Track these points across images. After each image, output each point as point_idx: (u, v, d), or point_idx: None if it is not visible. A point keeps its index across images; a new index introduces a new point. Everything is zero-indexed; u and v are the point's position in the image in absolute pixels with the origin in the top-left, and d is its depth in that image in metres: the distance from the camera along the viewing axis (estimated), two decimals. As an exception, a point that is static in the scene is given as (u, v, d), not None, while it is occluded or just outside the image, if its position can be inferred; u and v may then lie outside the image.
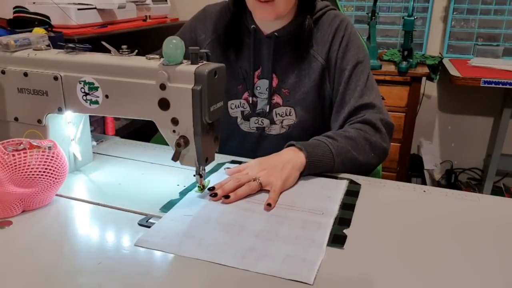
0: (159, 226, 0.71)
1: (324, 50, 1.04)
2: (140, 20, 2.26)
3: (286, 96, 1.06)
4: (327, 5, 1.08)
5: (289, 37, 1.04)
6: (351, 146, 0.91)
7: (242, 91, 1.09)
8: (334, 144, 0.90)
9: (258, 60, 1.07)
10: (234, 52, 1.08)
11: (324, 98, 1.07)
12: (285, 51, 1.05)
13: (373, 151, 0.94)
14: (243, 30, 1.07)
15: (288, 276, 0.59)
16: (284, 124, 1.08)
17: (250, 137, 1.11)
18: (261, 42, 1.06)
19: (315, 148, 0.88)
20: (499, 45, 2.37)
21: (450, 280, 0.59)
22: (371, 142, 0.94)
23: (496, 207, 0.80)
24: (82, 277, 0.59)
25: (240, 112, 1.10)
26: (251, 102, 1.08)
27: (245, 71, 1.08)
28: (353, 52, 1.03)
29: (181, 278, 0.59)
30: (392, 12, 2.53)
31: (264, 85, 1.07)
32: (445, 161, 2.64)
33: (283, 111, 1.07)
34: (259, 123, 1.09)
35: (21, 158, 0.71)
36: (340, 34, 1.04)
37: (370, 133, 0.95)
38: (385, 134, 0.97)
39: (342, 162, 0.90)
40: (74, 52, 0.82)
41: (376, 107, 0.99)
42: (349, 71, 1.02)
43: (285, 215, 0.75)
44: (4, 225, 0.70)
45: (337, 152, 0.89)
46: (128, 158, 0.99)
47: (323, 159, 0.88)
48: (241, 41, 1.07)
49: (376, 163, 0.97)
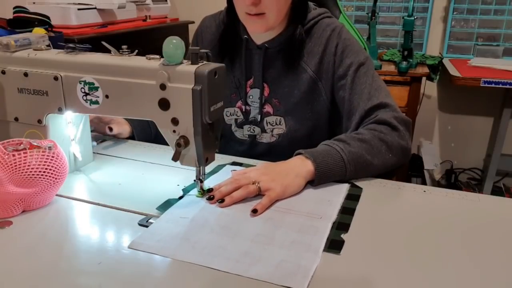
0: (154, 228, 0.70)
1: (314, 62, 1.03)
2: (140, 20, 2.26)
3: (277, 106, 1.07)
4: (321, 13, 1.06)
5: (279, 47, 1.04)
6: (365, 150, 0.87)
7: (236, 100, 1.10)
8: (346, 150, 0.86)
9: (250, 70, 1.08)
10: (228, 62, 1.09)
11: (318, 113, 1.05)
12: (276, 61, 1.05)
13: (391, 151, 0.89)
14: (237, 40, 1.08)
15: (281, 282, 0.58)
16: (274, 133, 1.08)
17: (243, 144, 1.13)
18: (253, 53, 1.07)
19: (325, 156, 0.85)
20: (499, 45, 2.37)
21: (451, 281, 0.59)
22: (388, 142, 0.89)
23: (496, 207, 0.80)
24: (82, 277, 0.59)
25: (234, 120, 1.12)
26: (244, 110, 1.10)
27: (238, 80, 1.09)
28: (351, 57, 1.01)
29: (181, 278, 0.59)
30: (392, 12, 2.53)
31: (256, 94, 1.08)
32: (445, 161, 2.64)
33: (273, 120, 1.08)
34: (251, 131, 1.11)
35: (21, 158, 0.71)
36: (333, 44, 1.02)
37: (385, 133, 0.91)
38: (403, 132, 0.92)
39: (355, 168, 0.85)
40: (74, 52, 0.82)
41: (388, 105, 0.96)
42: (351, 75, 1.00)
43: (283, 218, 0.74)
44: (4, 225, 0.70)
45: (349, 159, 0.85)
46: (128, 158, 0.99)
47: (334, 168, 0.84)
48: (234, 51, 1.08)
49: (395, 163, 0.91)
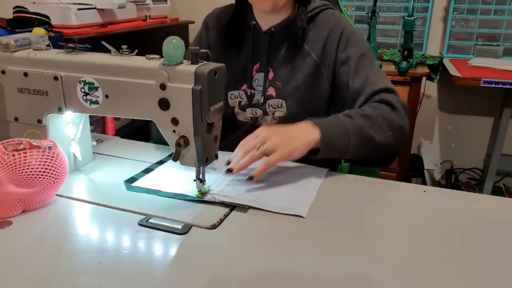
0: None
1: (319, 47, 1.06)
2: (140, 20, 2.26)
3: (279, 89, 1.09)
4: (325, 4, 1.10)
5: (284, 31, 1.08)
6: (368, 125, 0.91)
7: (241, 83, 1.13)
8: (351, 123, 0.90)
9: (256, 54, 1.11)
10: (236, 47, 1.13)
11: (318, 97, 1.08)
12: (281, 45, 1.09)
13: (391, 129, 0.93)
14: (244, 26, 1.12)
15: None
16: (275, 116, 1.11)
17: (245, 126, 1.15)
18: (260, 38, 1.10)
19: (332, 127, 0.89)
20: (499, 45, 2.37)
21: (451, 281, 0.59)
22: (388, 120, 0.93)
23: (496, 207, 0.80)
24: (82, 277, 0.59)
25: (238, 102, 1.14)
26: (249, 94, 1.12)
27: (244, 65, 1.12)
28: (355, 46, 1.04)
29: (181, 278, 0.59)
30: (392, 12, 2.53)
31: (261, 78, 1.11)
32: (445, 161, 2.64)
33: (275, 103, 1.10)
34: (253, 113, 1.13)
35: (21, 158, 0.71)
36: (338, 31, 1.05)
37: (387, 112, 0.95)
38: (402, 112, 0.97)
39: (358, 141, 0.90)
40: (74, 52, 0.82)
41: (393, 91, 1.00)
42: (355, 62, 1.02)
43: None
44: (4, 225, 0.70)
45: (353, 131, 0.89)
46: (128, 158, 0.99)
47: (339, 138, 0.89)
48: (242, 37, 1.12)
49: (393, 143, 0.95)
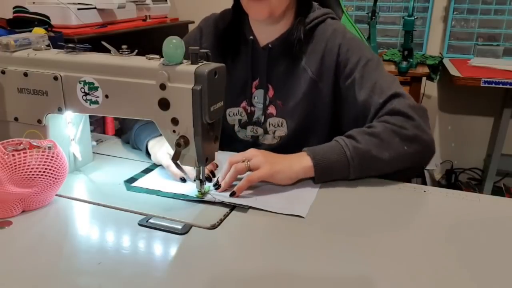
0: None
1: (315, 62, 1.01)
2: (140, 20, 2.26)
3: (280, 107, 1.06)
4: (325, 13, 1.05)
5: (283, 46, 1.03)
6: (374, 144, 0.84)
7: (240, 100, 1.10)
8: (351, 145, 0.84)
9: (256, 70, 1.07)
10: (232, 60, 1.08)
11: (317, 115, 1.04)
12: (279, 62, 1.05)
13: (405, 143, 0.86)
14: (241, 39, 1.07)
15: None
16: (276, 135, 1.08)
17: (245, 145, 1.12)
18: (258, 53, 1.06)
19: (328, 152, 0.85)
20: (499, 45, 2.37)
21: (451, 281, 0.59)
22: (401, 134, 0.86)
23: (496, 207, 0.80)
24: (82, 277, 0.59)
25: (238, 120, 1.11)
26: (249, 111, 1.09)
27: (244, 81, 1.08)
28: (357, 54, 0.99)
29: (181, 278, 0.59)
30: (392, 12, 2.53)
31: (261, 95, 1.07)
32: (445, 161, 2.64)
33: (276, 121, 1.07)
34: (254, 131, 1.11)
35: (21, 158, 0.71)
36: (334, 44, 1.00)
37: (399, 124, 0.87)
38: (418, 120, 0.87)
39: (359, 164, 0.84)
40: (74, 52, 0.82)
41: (401, 95, 0.92)
42: (360, 72, 0.97)
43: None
44: (4, 225, 0.70)
45: (352, 154, 0.83)
46: (128, 158, 0.99)
47: (336, 164, 0.84)
48: (237, 52, 1.07)
49: (412, 156, 0.87)
